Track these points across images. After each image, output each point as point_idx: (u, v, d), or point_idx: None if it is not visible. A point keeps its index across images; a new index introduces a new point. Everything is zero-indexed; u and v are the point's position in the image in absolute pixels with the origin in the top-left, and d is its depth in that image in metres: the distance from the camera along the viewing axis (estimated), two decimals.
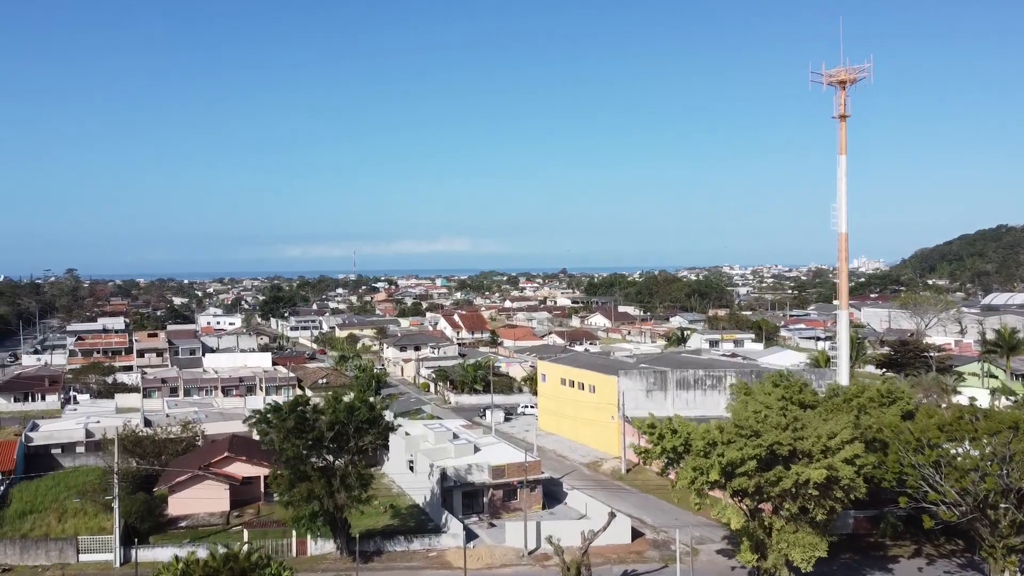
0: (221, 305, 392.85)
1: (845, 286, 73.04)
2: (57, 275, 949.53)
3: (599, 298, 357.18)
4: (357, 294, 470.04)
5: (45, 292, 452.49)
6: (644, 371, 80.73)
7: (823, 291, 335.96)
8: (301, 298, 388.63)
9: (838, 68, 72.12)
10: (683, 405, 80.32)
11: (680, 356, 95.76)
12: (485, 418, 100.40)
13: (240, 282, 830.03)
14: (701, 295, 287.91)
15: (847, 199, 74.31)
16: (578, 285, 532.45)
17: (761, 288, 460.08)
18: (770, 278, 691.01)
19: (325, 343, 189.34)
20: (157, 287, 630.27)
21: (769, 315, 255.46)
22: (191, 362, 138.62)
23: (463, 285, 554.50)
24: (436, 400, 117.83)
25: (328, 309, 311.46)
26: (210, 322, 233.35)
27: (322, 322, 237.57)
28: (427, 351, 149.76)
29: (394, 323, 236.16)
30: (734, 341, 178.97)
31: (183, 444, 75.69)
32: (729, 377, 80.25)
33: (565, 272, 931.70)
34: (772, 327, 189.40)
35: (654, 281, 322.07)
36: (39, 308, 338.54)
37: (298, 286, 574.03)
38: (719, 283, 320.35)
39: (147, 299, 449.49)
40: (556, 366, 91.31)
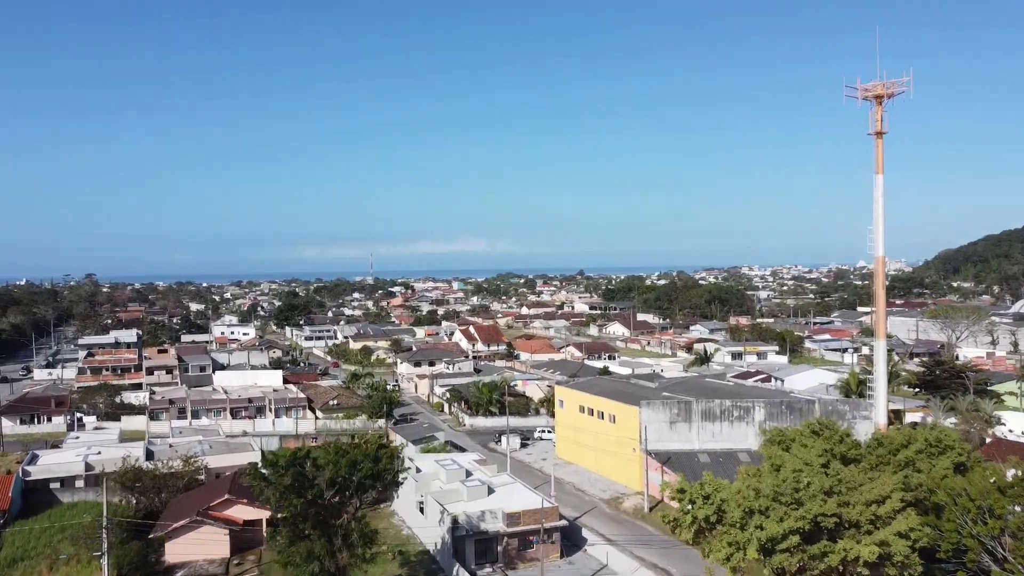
0: (237, 311, 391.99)
1: (883, 315, 68.41)
2: (77, 279, 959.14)
3: (617, 303, 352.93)
4: (373, 299, 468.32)
5: (63, 298, 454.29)
6: (667, 402, 76.52)
7: (846, 296, 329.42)
8: (317, 304, 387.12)
9: (874, 82, 67.64)
10: (709, 437, 76.21)
11: (704, 381, 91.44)
12: (501, 444, 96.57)
13: (258, 285, 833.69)
14: (721, 302, 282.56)
15: (884, 219, 69.74)
16: (596, 288, 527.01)
17: (782, 292, 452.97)
18: (790, 280, 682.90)
19: (339, 355, 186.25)
20: (175, 292, 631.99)
21: (792, 323, 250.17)
22: (200, 379, 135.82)
23: (480, 288, 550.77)
24: (450, 422, 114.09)
25: (343, 317, 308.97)
26: (224, 332, 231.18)
27: (337, 332, 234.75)
28: (441, 366, 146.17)
29: (409, 333, 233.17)
30: (757, 354, 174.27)
31: (184, 480, 72.51)
32: (758, 408, 75.97)
33: (582, 274, 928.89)
34: (796, 338, 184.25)
35: (673, 287, 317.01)
36: (55, 316, 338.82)
37: (314, 290, 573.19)
38: (739, 289, 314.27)
39: (164, 304, 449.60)
40: (574, 393, 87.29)
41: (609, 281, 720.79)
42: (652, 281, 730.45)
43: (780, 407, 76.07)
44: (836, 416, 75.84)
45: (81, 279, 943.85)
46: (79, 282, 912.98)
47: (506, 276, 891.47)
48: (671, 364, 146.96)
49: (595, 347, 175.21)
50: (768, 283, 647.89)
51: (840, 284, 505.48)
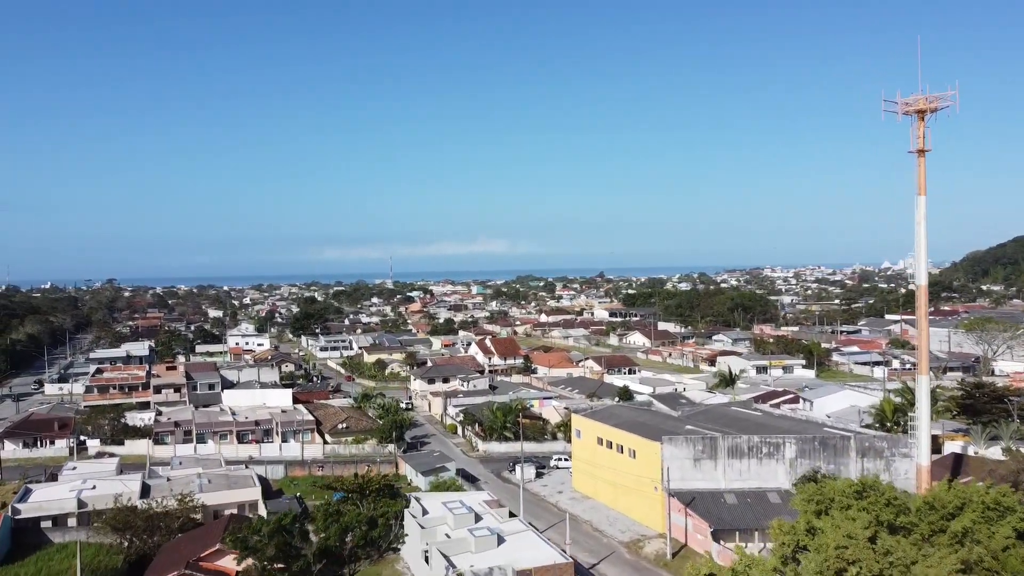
0: (255, 318, 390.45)
1: (926, 350, 62.82)
2: (100, 282, 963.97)
3: (638, 309, 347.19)
4: (391, 304, 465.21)
5: (83, 305, 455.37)
6: (691, 437, 71.55)
7: (873, 302, 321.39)
8: (334, 310, 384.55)
9: (916, 96, 62.30)
10: (736, 476, 71.18)
11: (730, 410, 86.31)
12: (515, 474, 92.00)
13: (278, 288, 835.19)
14: (744, 309, 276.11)
15: (926, 244, 64.43)
16: (616, 293, 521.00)
17: (806, 296, 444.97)
18: (813, 282, 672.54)
19: (353, 369, 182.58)
20: (195, 296, 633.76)
21: (817, 331, 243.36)
22: (209, 398, 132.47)
23: (499, 293, 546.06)
24: (463, 446, 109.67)
25: (360, 324, 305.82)
26: (239, 342, 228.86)
27: (352, 342, 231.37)
28: (456, 383, 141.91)
29: (425, 343, 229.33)
30: (783, 368, 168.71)
31: (179, 520, 68.73)
32: (789, 445, 70.83)
33: (602, 276, 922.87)
34: (823, 351, 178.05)
35: (695, 294, 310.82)
36: (74, 324, 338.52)
37: (333, 295, 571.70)
38: (762, 295, 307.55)
39: (183, 310, 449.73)
40: (592, 423, 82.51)
41: (630, 284, 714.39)
42: (673, 284, 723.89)
43: (813, 443, 70.90)
44: (874, 454, 70.74)
45: (103, 283, 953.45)
46: (102, 285, 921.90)
47: (526, 278, 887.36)
48: (694, 381, 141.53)
49: (615, 361, 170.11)
50: (791, 286, 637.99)
51: (865, 288, 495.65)
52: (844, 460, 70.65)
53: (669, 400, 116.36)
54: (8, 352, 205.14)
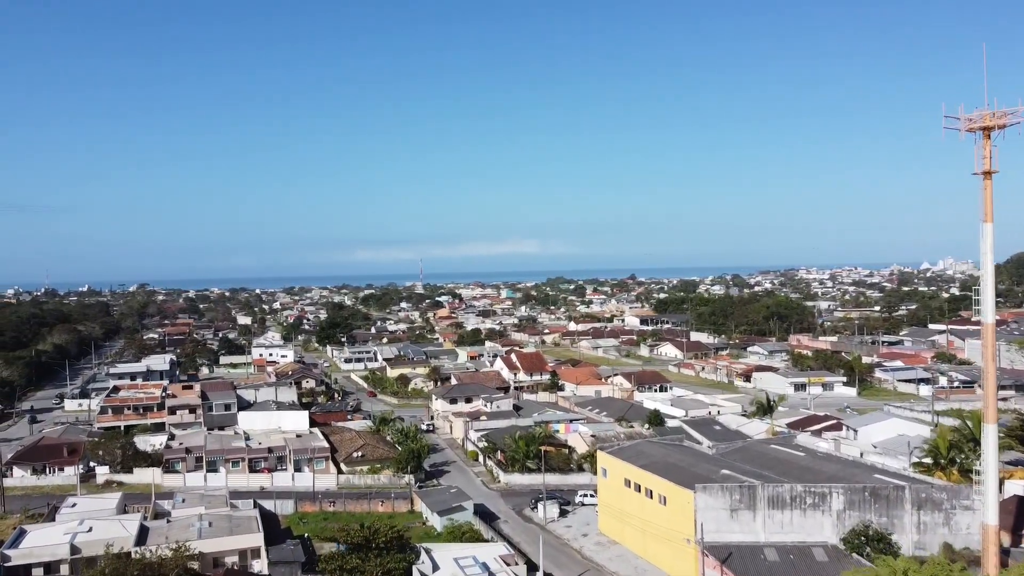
0: (283, 324, 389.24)
1: (993, 394, 56.05)
2: (135, 285, 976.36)
3: (669, 316, 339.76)
4: (420, 309, 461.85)
5: (114, 312, 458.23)
6: (727, 487, 65.30)
7: (915, 309, 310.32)
8: (362, 316, 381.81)
9: (981, 111, 55.48)
10: (777, 528, 64.80)
11: (770, 449, 79.68)
12: (537, 512, 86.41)
13: (308, 291, 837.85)
14: (780, 317, 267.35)
15: (994, 277, 57.65)
16: (647, 298, 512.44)
17: (844, 301, 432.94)
18: (850, 284, 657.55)
19: (375, 383, 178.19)
20: (226, 301, 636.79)
21: (857, 342, 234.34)
22: (224, 419, 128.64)
23: (528, 297, 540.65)
24: (484, 476, 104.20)
25: (386, 333, 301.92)
26: (263, 354, 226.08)
27: (376, 353, 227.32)
28: (479, 403, 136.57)
29: (451, 354, 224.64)
30: (822, 384, 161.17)
31: (175, 571, 64.05)
32: (836, 496, 64.29)
33: (634, 278, 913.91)
34: (864, 367, 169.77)
35: (729, 301, 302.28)
36: (104, 331, 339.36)
37: (362, 299, 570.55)
38: (799, 303, 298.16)
39: (213, 316, 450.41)
40: (620, 463, 76.54)
41: (661, 287, 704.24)
42: (706, 286, 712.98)
43: (863, 494, 64.29)
44: (931, 506, 63.99)
45: (137, 286, 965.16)
46: (135, 289, 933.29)
47: (556, 280, 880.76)
48: (729, 403, 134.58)
49: (645, 377, 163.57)
50: (827, 289, 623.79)
51: (906, 291, 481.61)
52: (898, 513, 63.97)
53: (702, 427, 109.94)
54: (33, 364, 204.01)
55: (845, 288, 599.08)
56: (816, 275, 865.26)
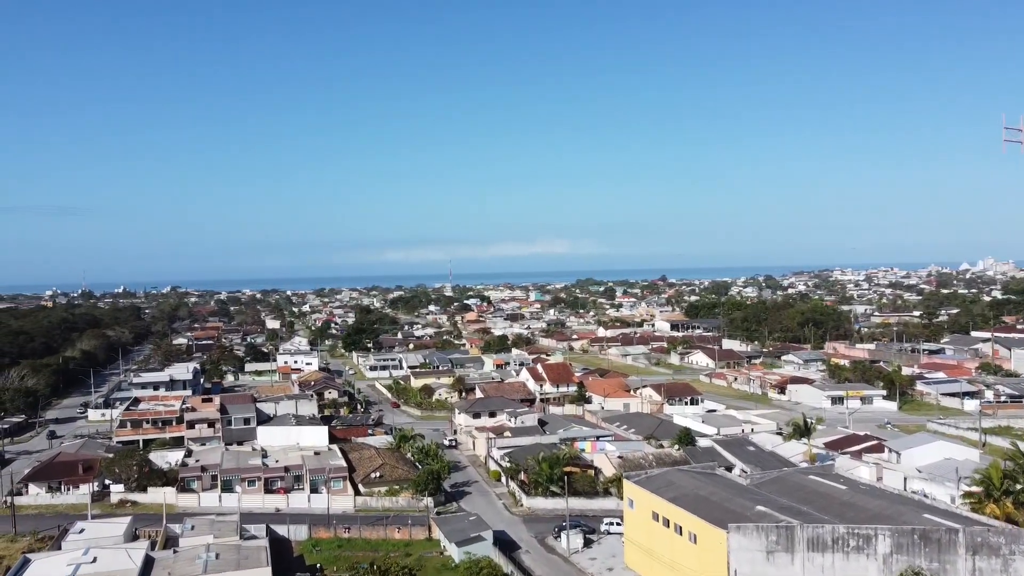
0: (311, 327, 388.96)
1: None
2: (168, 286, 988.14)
3: (701, 321, 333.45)
4: (448, 312, 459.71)
5: (145, 315, 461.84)
6: (763, 527, 60.63)
7: (957, 314, 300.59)
8: (389, 321, 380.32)
9: None
10: (817, 572, 60.02)
11: (808, 480, 74.57)
12: (560, 541, 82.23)
13: (339, 292, 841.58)
14: (816, 324, 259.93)
15: None
16: (678, 301, 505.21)
17: (881, 304, 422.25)
18: (887, 286, 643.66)
19: (399, 394, 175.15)
20: (257, 303, 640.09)
21: (896, 350, 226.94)
22: (243, 434, 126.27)
23: (557, 300, 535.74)
24: (506, 499, 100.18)
25: (413, 339, 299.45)
26: (288, 361, 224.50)
27: (402, 361, 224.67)
28: (503, 417, 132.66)
29: (477, 361, 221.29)
30: (861, 398, 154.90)
31: None
32: (882, 539, 59.32)
33: (664, 279, 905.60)
34: (905, 379, 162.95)
35: (762, 307, 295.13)
36: (133, 335, 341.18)
37: (391, 302, 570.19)
38: (835, 310, 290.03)
39: (242, 320, 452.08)
40: (647, 495, 72.05)
41: (693, 289, 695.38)
42: (738, 288, 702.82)
43: (912, 537, 59.22)
44: (987, 551, 58.77)
45: (171, 288, 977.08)
46: (168, 290, 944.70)
47: (586, 282, 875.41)
48: (763, 420, 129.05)
49: (675, 389, 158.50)
50: (863, 291, 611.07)
51: (945, 294, 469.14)
52: (951, 558, 58.82)
53: (735, 448, 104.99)
54: (60, 371, 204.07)
55: (881, 291, 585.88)
56: (851, 276, 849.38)
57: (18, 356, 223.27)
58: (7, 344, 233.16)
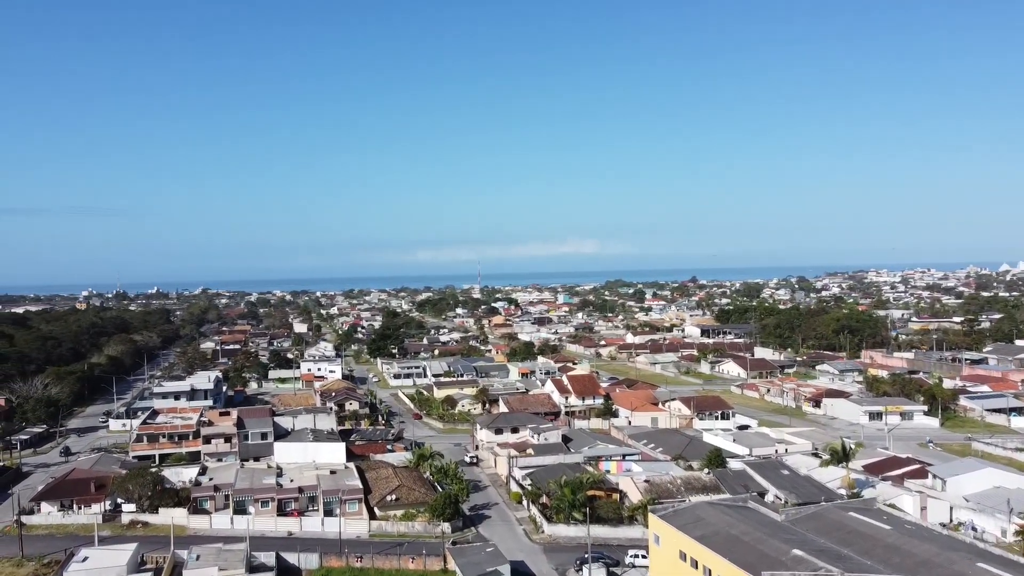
0: (337, 331, 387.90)
1: None
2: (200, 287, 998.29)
3: (732, 326, 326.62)
4: (475, 316, 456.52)
5: (175, 318, 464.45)
6: (800, 575, 55.73)
7: (1001, 320, 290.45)
8: (416, 325, 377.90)
9: None
10: None
11: (848, 519, 69.17)
12: (582, 575, 77.87)
13: (367, 294, 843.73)
14: (851, 331, 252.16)
15: None
16: (709, 304, 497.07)
17: (919, 308, 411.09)
18: (924, 289, 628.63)
19: (422, 405, 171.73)
20: (286, 306, 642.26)
21: (936, 359, 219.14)
22: (260, 449, 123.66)
23: (585, 303, 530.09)
24: (527, 524, 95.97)
25: (438, 344, 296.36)
26: (311, 368, 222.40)
27: (426, 368, 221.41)
28: (526, 433, 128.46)
29: (502, 370, 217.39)
30: (900, 414, 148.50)
31: None
32: None
33: (695, 280, 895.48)
34: (947, 393, 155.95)
35: (796, 313, 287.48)
36: (162, 339, 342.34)
37: (418, 305, 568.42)
38: (871, 316, 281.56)
39: (270, 323, 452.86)
40: (674, 532, 67.46)
41: (723, 291, 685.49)
42: (771, 290, 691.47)
43: None
44: None
45: (203, 288, 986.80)
46: (201, 291, 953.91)
47: (615, 283, 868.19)
48: (798, 439, 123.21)
49: (705, 402, 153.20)
50: (899, 293, 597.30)
51: (986, 298, 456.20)
52: None
53: (768, 471, 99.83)
54: (85, 378, 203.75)
55: (919, 293, 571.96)
56: (887, 278, 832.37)
57: (45, 362, 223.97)
58: (35, 350, 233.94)
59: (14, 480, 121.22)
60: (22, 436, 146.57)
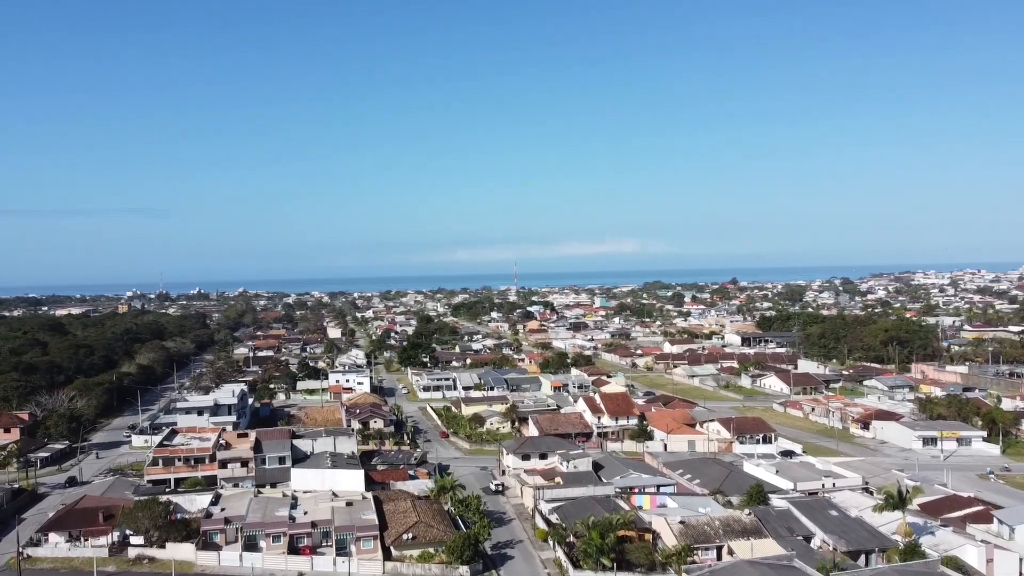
0: (372, 336, 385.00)
1: None
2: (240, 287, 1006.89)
3: (774, 335, 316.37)
4: (510, 321, 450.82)
5: (211, 322, 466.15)
6: None
7: None
8: (450, 331, 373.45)
9: None
10: None
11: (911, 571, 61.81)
12: None
13: (404, 295, 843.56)
14: (900, 343, 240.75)
15: None
16: (749, 310, 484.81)
17: (971, 315, 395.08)
18: (975, 292, 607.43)
19: (449, 422, 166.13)
20: (322, 308, 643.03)
21: (992, 373, 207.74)
22: (277, 475, 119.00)
23: (622, 308, 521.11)
24: (551, 567, 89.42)
25: (470, 353, 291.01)
26: (339, 380, 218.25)
27: (456, 380, 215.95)
28: (555, 459, 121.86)
29: (534, 383, 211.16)
30: (957, 439, 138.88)
31: None
32: None
33: (735, 282, 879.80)
34: (1008, 416, 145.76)
35: (841, 323, 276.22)
36: (196, 344, 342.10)
37: (453, 309, 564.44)
38: (920, 326, 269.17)
39: (305, 327, 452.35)
40: None
41: (765, 294, 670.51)
42: (814, 293, 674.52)
43: None
44: None
45: (240, 291, 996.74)
46: (241, 291, 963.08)
47: (653, 285, 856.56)
48: (847, 472, 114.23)
49: (745, 424, 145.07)
50: (948, 296, 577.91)
51: None
52: None
53: (815, 512, 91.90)
54: (113, 389, 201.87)
55: (969, 297, 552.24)
56: (934, 279, 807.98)
57: (76, 371, 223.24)
58: (67, 359, 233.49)
59: (29, 503, 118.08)
60: (42, 453, 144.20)
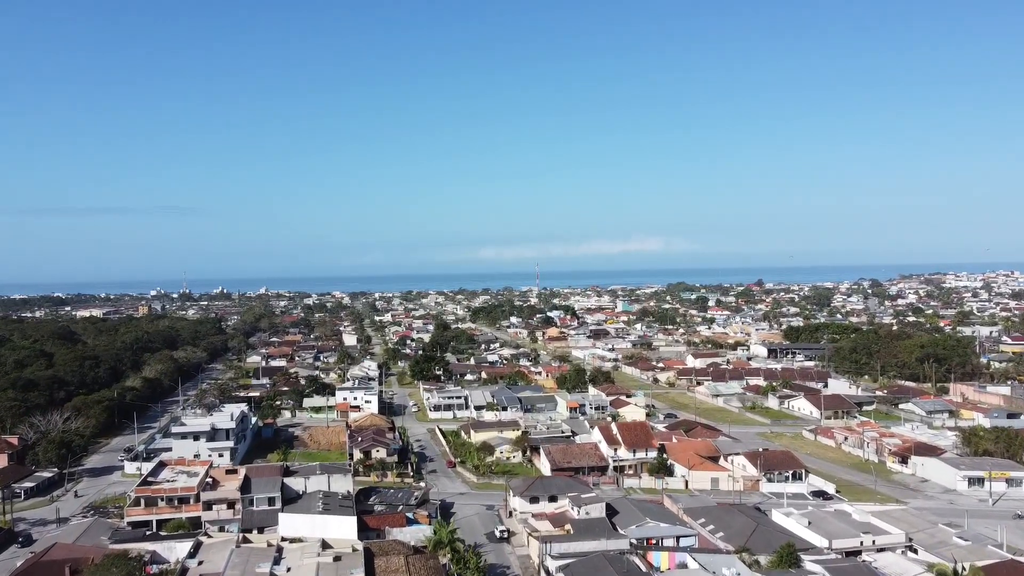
0: (387, 343, 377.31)
1: None
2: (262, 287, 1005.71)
3: (801, 347, 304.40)
4: (529, 327, 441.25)
5: (227, 327, 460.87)
6: None
7: None
8: (467, 338, 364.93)
9: None
10: None
11: None
12: None
13: (424, 296, 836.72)
14: (937, 360, 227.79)
15: None
16: (775, 316, 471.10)
17: (1008, 324, 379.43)
18: (1008, 296, 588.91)
19: (458, 450, 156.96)
20: (341, 311, 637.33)
21: None
22: (264, 519, 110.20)
23: (645, 313, 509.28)
24: None
25: (485, 364, 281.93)
26: (347, 397, 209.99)
27: (468, 399, 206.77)
28: (565, 503, 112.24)
29: (549, 401, 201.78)
30: (1007, 480, 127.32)
31: None
32: None
33: (761, 284, 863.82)
34: None
35: (874, 337, 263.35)
36: (209, 353, 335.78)
37: (472, 314, 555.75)
38: (957, 342, 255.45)
39: (321, 332, 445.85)
40: None
41: (791, 297, 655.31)
42: (842, 296, 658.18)
43: None
44: None
45: (262, 290, 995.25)
46: (262, 292, 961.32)
47: (677, 287, 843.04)
48: (889, 527, 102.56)
49: (773, 459, 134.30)
50: (982, 301, 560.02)
51: None
52: None
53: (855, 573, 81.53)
54: (113, 408, 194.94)
55: (1004, 302, 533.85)
56: (966, 282, 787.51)
57: (79, 386, 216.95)
58: (71, 372, 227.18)
59: (4, 543, 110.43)
60: (27, 483, 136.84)
